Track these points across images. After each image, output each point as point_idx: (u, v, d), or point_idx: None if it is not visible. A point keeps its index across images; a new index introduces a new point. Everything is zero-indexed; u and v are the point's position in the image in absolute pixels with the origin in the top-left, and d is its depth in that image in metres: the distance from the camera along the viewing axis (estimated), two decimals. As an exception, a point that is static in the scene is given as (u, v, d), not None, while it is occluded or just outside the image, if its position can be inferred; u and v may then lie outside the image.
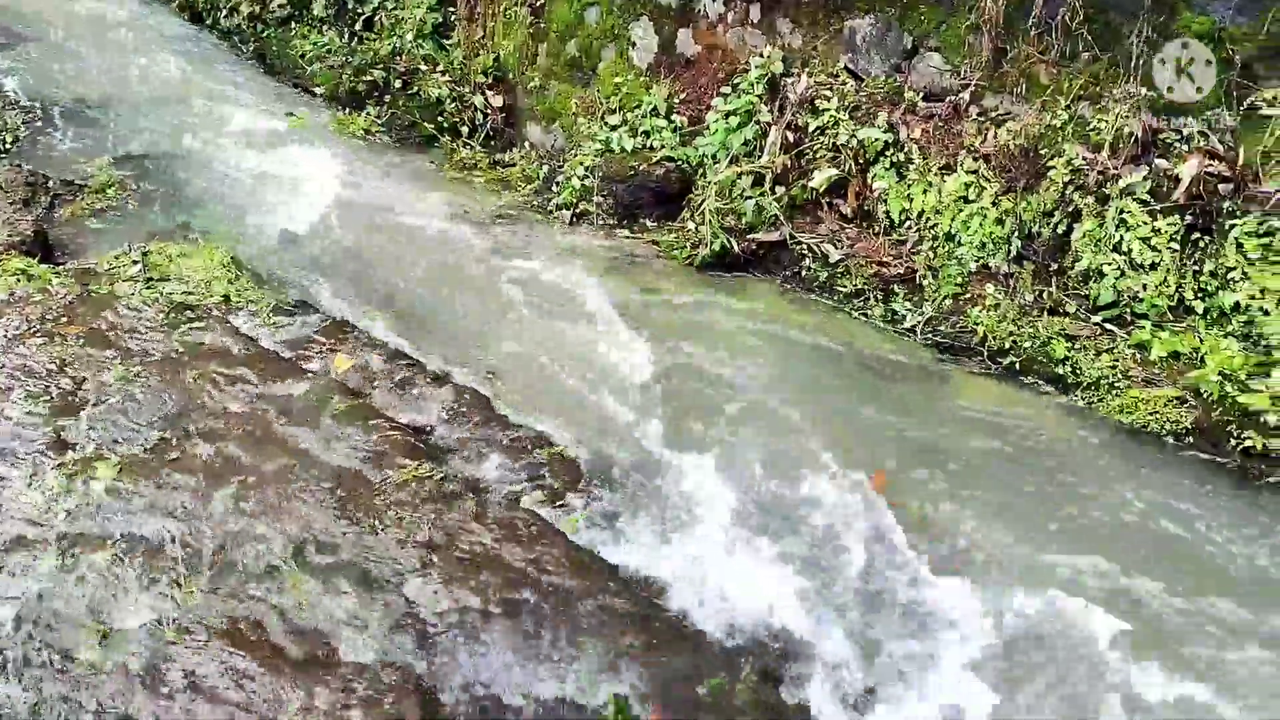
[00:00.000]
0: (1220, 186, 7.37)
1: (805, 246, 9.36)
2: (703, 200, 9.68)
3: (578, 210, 10.48)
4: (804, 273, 9.28)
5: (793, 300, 9.03)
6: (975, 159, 8.56)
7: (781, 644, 5.34)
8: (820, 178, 9.37)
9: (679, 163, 10.15)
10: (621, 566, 5.85)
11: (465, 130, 12.23)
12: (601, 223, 10.32)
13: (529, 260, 9.47)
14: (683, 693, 4.96)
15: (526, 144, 12.03)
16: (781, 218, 9.51)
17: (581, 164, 10.58)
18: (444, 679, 4.82)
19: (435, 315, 8.60)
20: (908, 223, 8.96)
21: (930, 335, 8.33)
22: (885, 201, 9.08)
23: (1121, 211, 7.66)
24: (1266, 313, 7.08)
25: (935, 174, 8.78)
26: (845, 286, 8.98)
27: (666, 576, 5.76)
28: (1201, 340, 7.32)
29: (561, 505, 6.36)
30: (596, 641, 5.12)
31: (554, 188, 10.96)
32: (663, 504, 6.35)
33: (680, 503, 6.34)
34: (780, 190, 9.58)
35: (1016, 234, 8.19)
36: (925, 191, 8.75)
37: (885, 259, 8.96)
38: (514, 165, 11.75)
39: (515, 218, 10.59)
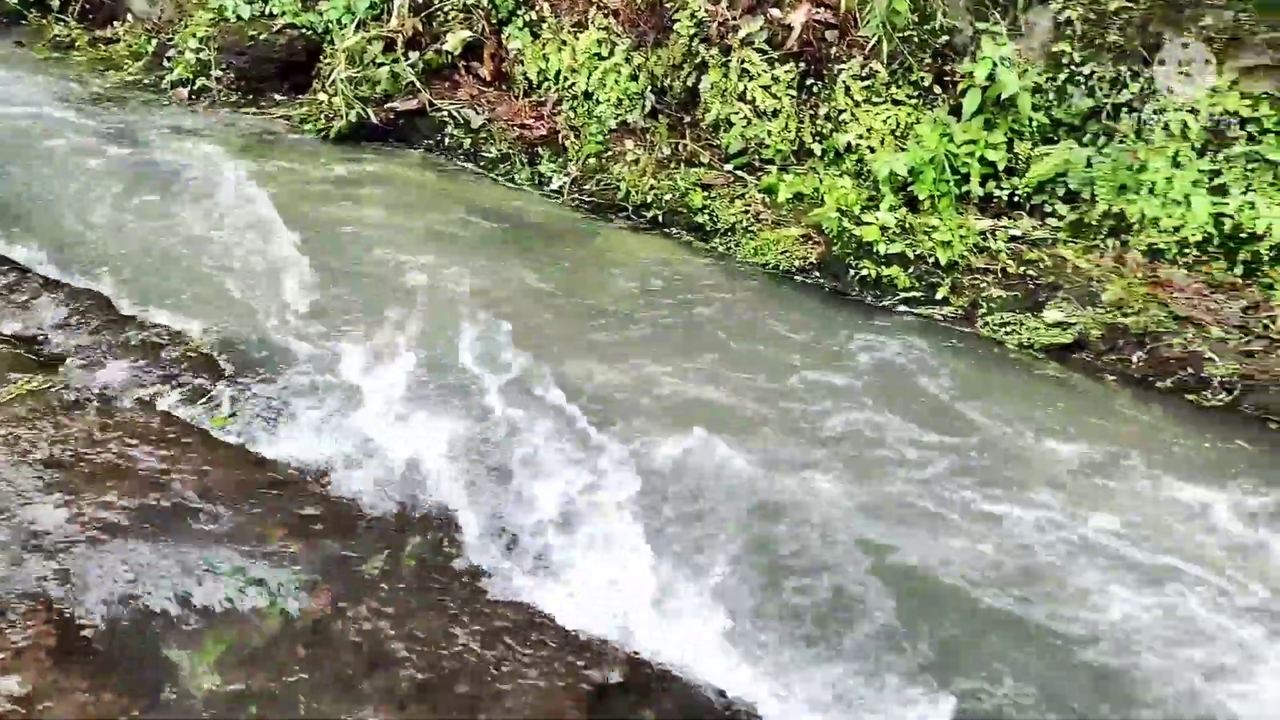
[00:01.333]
0: (827, 33, 7.83)
1: (446, 113, 9.12)
2: (333, 70, 9.15)
3: (195, 87, 9.61)
4: (447, 140, 9.06)
5: (438, 169, 8.81)
6: (606, 15, 8.60)
7: (446, 514, 5.33)
8: (454, 40, 9.10)
9: (303, 30, 9.51)
10: (277, 459, 5.59)
11: (56, 3, 10.82)
12: (225, 99, 9.54)
13: (145, 145, 8.62)
14: (348, 574, 4.86)
15: (130, 16, 10.82)
16: (419, 85, 9.18)
17: (194, 35, 9.68)
18: (80, 599, 4.45)
19: (40, 215, 7.67)
20: (546, 83, 8.91)
21: (578, 195, 8.42)
22: (522, 63, 8.97)
23: (743, 62, 7.98)
24: (873, 150, 7.68)
25: (569, 32, 8.75)
26: (490, 152, 8.86)
27: (323, 463, 5.56)
28: (821, 181, 7.85)
29: (205, 403, 5.96)
30: (250, 534, 4.90)
31: (166, 63, 9.97)
32: (316, 389, 6.10)
33: (335, 386, 6.11)
34: (414, 56, 9.23)
35: (650, 89, 8.36)
36: (560, 50, 8.71)
37: (527, 121, 8.89)
38: (118, 41, 10.57)
39: (125, 100, 9.57)
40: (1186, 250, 6.90)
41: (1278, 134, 6.65)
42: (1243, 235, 6.71)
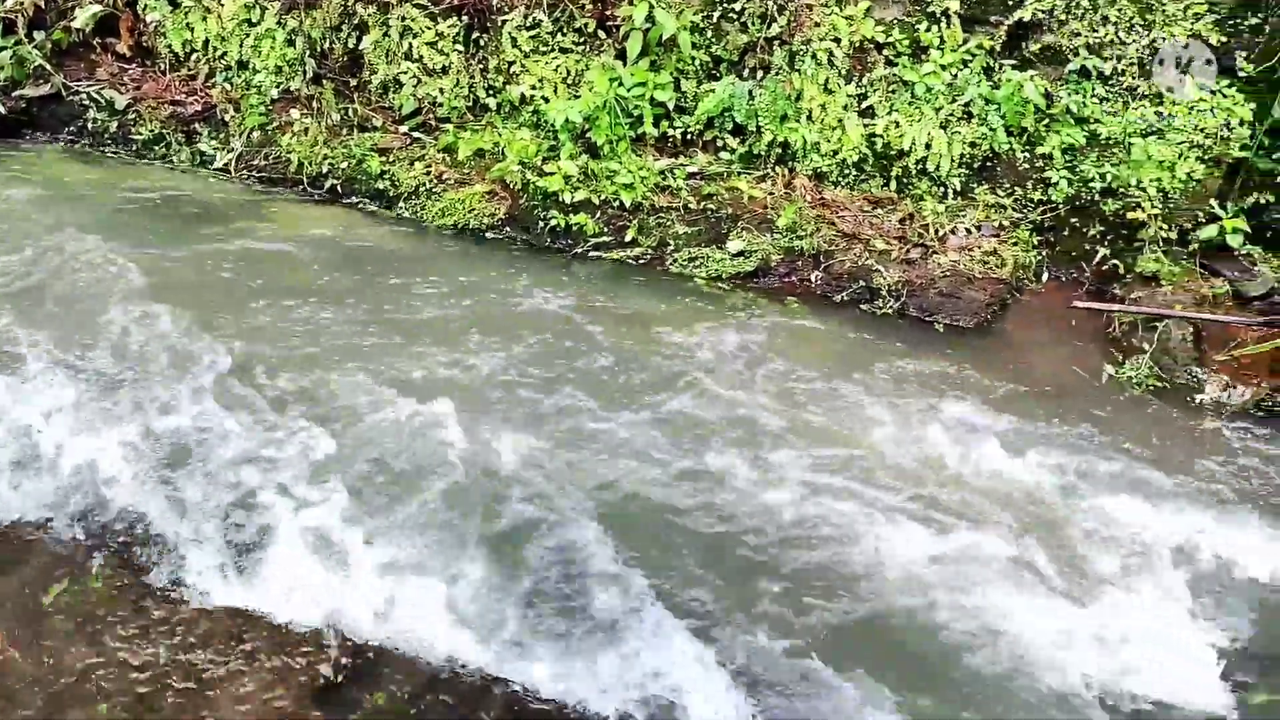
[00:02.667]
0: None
1: (86, 97, 8.29)
2: (-61, 56, 8.10)
3: None
4: (91, 126, 8.26)
5: (84, 158, 8.02)
6: (251, -22, 8.07)
7: (133, 526, 4.90)
8: (84, 16, 8.26)
9: (-104, 13, 8.35)
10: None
11: None
12: None
13: None
14: (23, 608, 4.38)
15: None
16: (49, 68, 8.29)
17: None
18: None
19: None
20: (195, 55, 8.28)
21: (246, 171, 7.91)
22: (164, 35, 8.28)
23: (404, 19, 7.72)
24: (547, 100, 7.66)
25: (213, -1, 8.15)
26: (141, 134, 8.16)
27: (-18, 489, 4.96)
28: (500, 135, 7.76)
29: None
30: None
31: None
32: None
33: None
34: (40, 36, 8.31)
35: (309, 54, 7.94)
36: (204, 19, 8.10)
37: (179, 98, 8.24)
38: None
39: None
40: (846, 171, 7.35)
41: (910, 56, 7.18)
42: (892, 153, 7.22)
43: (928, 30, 7.09)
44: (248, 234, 7.15)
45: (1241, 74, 6.64)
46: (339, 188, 7.76)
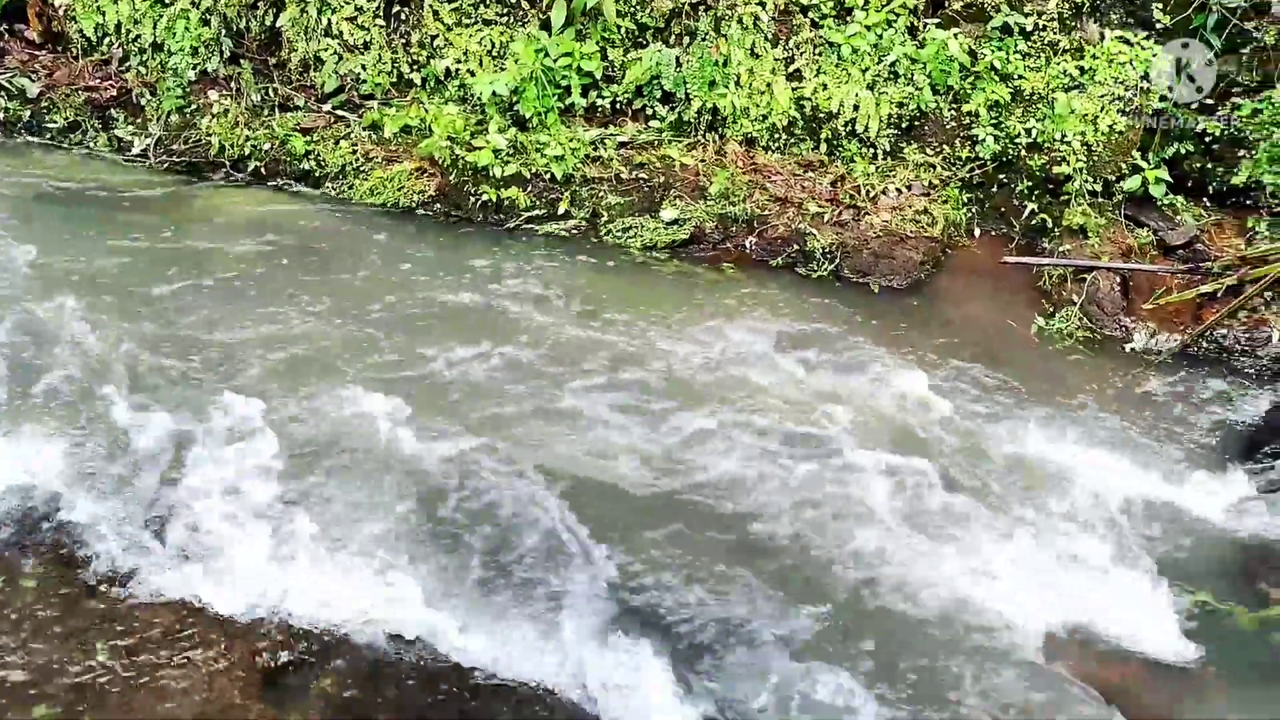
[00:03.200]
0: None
1: (-6, 84, 8.02)
2: None
3: None
4: (3, 115, 7.98)
5: (-5, 148, 7.76)
6: (161, -43, 7.84)
7: (68, 524, 4.78)
8: (-14, 0, 7.98)
9: None
10: None
11: None
12: None
13: None
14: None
15: None
16: (-48, 55, 8.00)
17: None
18: None
19: None
20: (108, 39, 8.03)
21: (166, 157, 7.71)
22: (75, 19, 8.02)
23: (322, -6, 7.56)
24: (473, 74, 7.56)
25: (122, -21, 7.90)
26: (56, 121, 7.91)
27: (-101, 497, 4.80)
28: (427, 111, 7.64)
29: None
30: None
31: None
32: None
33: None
34: (-60, 23, 8.01)
35: (225, 33, 7.74)
36: (116, 1, 7.85)
37: (93, 83, 8.00)
38: None
39: None
40: (777, 135, 7.35)
41: (835, 17, 7.19)
42: (821, 115, 7.23)
43: (852, -9, 7.11)
44: (168, 220, 6.97)
45: (1158, 25, 6.74)
46: (262, 170, 7.60)
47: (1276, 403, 6.01)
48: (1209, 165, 7.00)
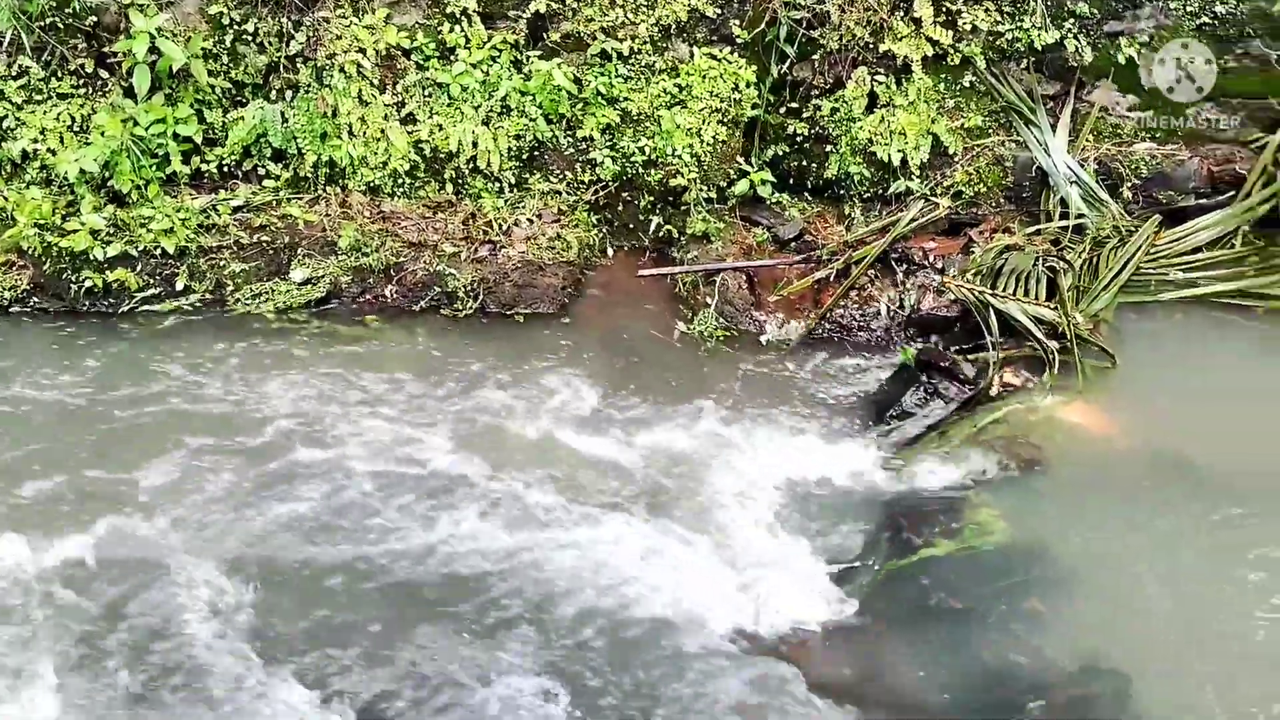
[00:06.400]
0: None
1: None
2: None
3: None
4: None
5: None
6: None
7: None
8: None
9: None
10: None
11: None
12: None
13: None
14: None
15: None
16: None
17: None
18: None
19: None
20: None
21: None
22: None
23: None
24: (54, 153, 6.87)
25: None
26: None
27: None
28: (6, 198, 6.86)
29: None
30: None
31: None
32: None
33: None
34: None
35: None
36: None
37: None
38: None
39: None
40: (400, 181, 7.22)
41: (439, 58, 7.17)
42: (442, 156, 7.18)
43: (451, 31, 7.10)
44: None
45: (739, 39, 7.25)
46: None
47: (894, 368, 6.59)
48: (804, 163, 7.59)
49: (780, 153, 7.60)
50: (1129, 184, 7.33)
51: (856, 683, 4.82)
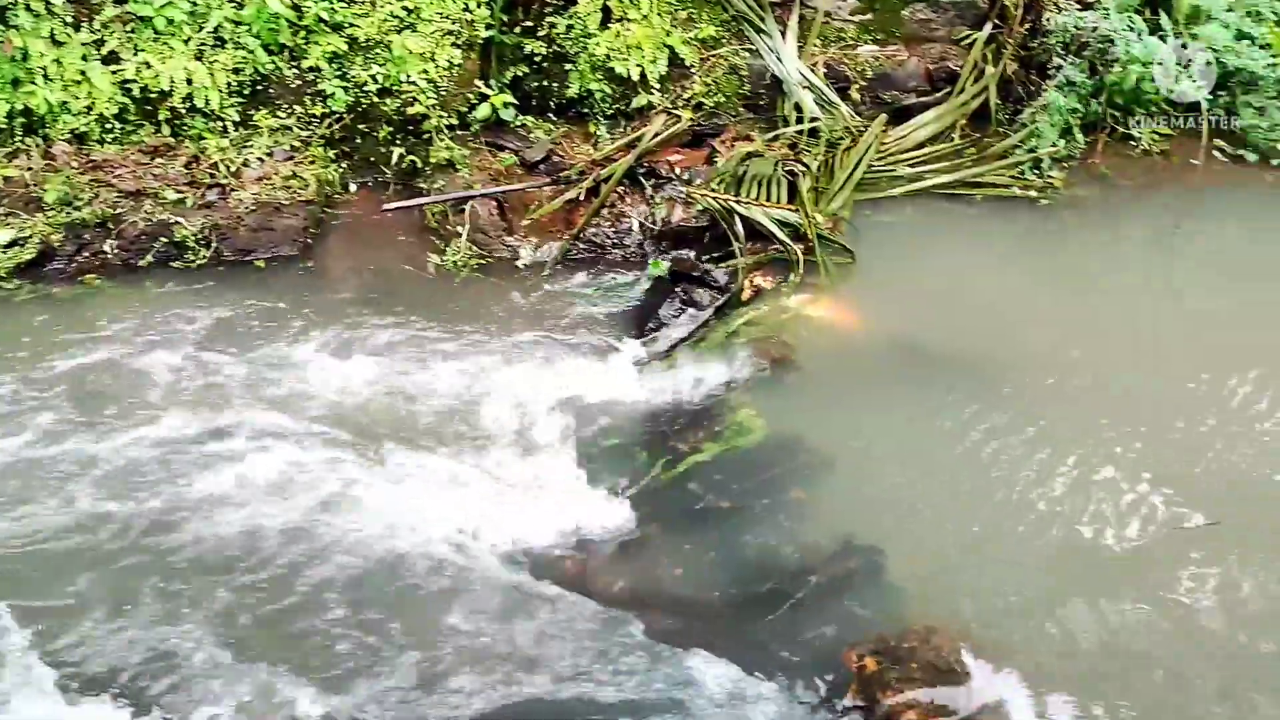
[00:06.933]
0: None
1: None
2: None
3: None
4: None
5: None
6: None
7: None
8: None
9: None
10: None
11: None
12: None
13: None
14: None
15: None
16: None
17: None
18: None
19: None
20: None
21: None
22: None
23: None
24: None
25: None
26: None
27: None
28: None
29: None
30: None
31: None
32: None
33: None
34: None
35: None
36: None
37: None
38: None
39: None
40: (109, 126, 6.64)
41: (140, -11, 6.59)
42: (153, 96, 6.64)
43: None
44: None
45: (466, -42, 7.01)
46: None
47: (649, 281, 6.67)
48: (545, 83, 7.48)
49: (520, 74, 7.45)
50: (857, 86, 7.63)
51: (637, 592, 4.93)
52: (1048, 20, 7.38)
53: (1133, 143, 7.55)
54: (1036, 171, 7.32)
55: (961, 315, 6.26)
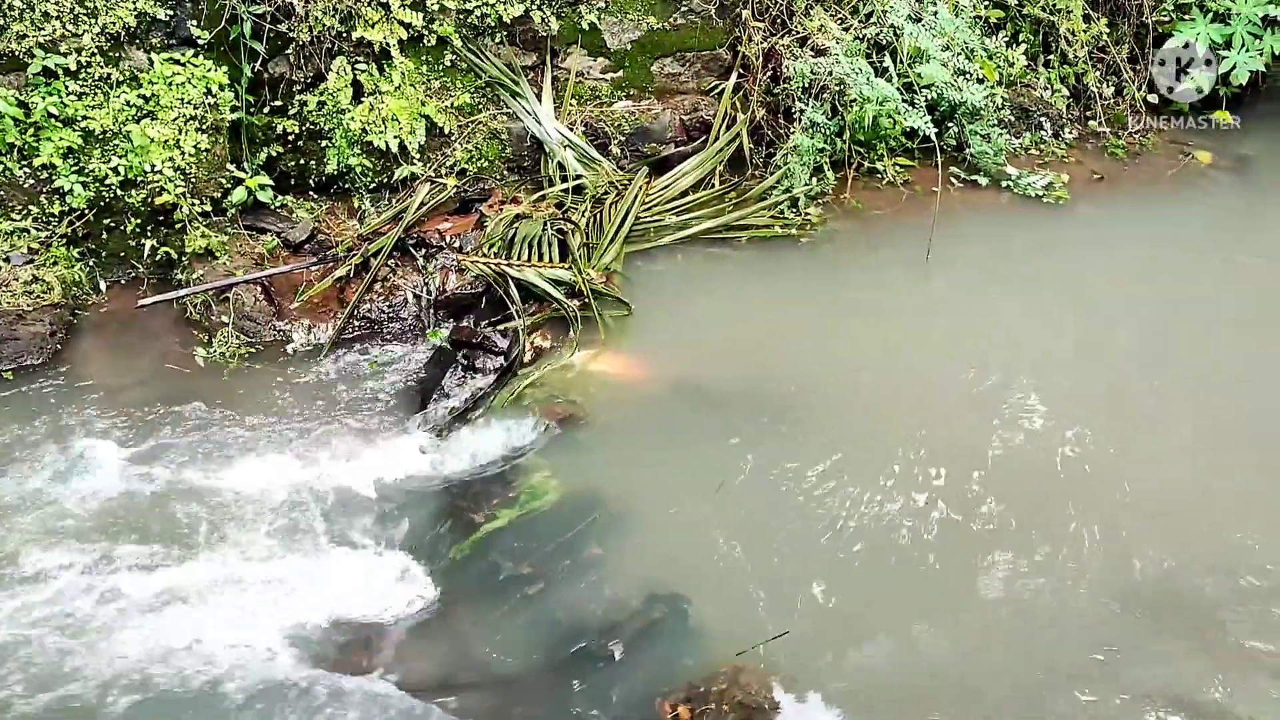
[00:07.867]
0: None
1: None
2: None
3: None
4: None
5: None
6: None
7: None
8: None
9: None
10: None
11: None
12: None
13: None
14: None
15: None
16: None
17: None
18: None
19: None
20: None
21: None
22: None
23: None
24: None
25: None
26: None
27: None
28: None
29: None
30: None
31: None
32: None
33: None
34: None
35: None
36: None
37: None
38: None
39: None
40: None
41: None
42: None
43: None
44: None
45: (200, 40, 6.78)
46: None
47: (430, 352, 6.58)
48: (302, 161, 7.30)
49: (275, 154, 7.25)
50: (616, 141, 7.79)
51: (445, 672, 4.79)
52: (787, 67, 7.77)
53: (879, 175, 8.04)
54: (794, 210, 7.66)
55: (741, 355, 6.44)
